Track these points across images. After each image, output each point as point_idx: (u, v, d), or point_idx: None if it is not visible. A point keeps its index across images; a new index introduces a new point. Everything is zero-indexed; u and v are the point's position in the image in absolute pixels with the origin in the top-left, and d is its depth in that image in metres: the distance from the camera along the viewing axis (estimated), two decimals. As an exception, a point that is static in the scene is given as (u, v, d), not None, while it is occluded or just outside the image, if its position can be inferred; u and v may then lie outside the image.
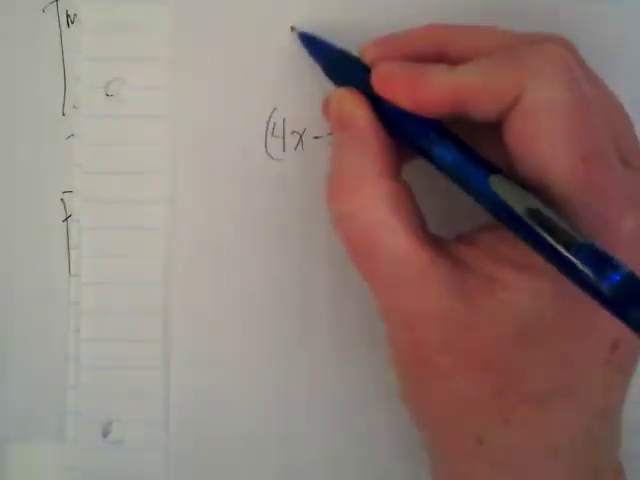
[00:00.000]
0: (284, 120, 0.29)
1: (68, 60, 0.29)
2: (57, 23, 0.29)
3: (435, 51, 0.25)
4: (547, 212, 0.21)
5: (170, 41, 0.29)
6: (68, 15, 0.29)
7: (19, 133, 0.29)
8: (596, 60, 0.25)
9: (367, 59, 0.26)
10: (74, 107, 0.29)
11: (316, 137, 0.29)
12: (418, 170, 0.26)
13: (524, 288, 0.23)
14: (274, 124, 0.29)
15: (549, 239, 0.21)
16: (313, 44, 0.28)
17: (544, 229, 0.21)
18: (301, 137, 0.29)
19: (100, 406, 0.29)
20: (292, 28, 0.29)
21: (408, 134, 0.24)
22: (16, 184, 0.29)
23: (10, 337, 0.29)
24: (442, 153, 0.24)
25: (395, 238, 0.23)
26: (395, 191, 0.24)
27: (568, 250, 0.21)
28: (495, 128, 0.23)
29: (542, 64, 0.22)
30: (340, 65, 0.27)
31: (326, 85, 0.27)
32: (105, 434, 0.29)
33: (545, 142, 0.22)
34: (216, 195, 0.29)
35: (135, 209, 0.29)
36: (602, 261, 0.20)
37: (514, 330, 0.23)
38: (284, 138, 0.29)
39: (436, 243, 0.24)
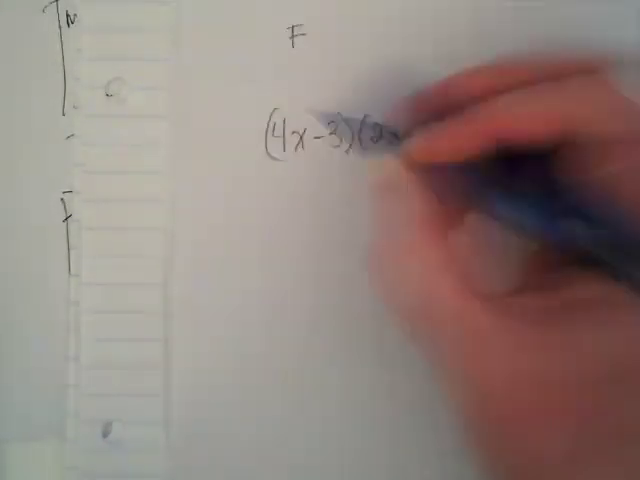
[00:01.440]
0: (284, 120, 0.29)
1: (68, 60, 0.29)
2: (57, 23, 0.29)
3: (461, 99, 0.25)
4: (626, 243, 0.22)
5: (170, 41, 0.29)
6: (68, 15, 0.29)
7: (19, 133, 0.29)
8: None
9: (398, 124, 0.26)
10: (74, 107, 0.29)
11: (316, 137, 0.29)
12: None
13: (607, 327, 0.22)
14: (274, 124, 0.29)
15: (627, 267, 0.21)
16: (343, 122, 0.28)
17: (622, 259, 0.21)
18: (301, 137, 0.29)
19: (100, 406, 0.29)
20: (312, 112, 0.28)
21: (467, 194, 0.24)
22: (16, 184, 0.29)
23: (10, 337, 0.29)
24: (503, 206, 0.24)
25: (454, 300, 0.23)
26: (443, 254, 0.23)
27: None
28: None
29: (592, 96, 0.23)
30: (374, 138, 0.27)
31: (326, 85, 0.27)
32: (105, 434, 0.29)
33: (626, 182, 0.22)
34: (216, 195, 0.29)
35: (135, 209, 0.29)
36: None
37: (595, 372, 0.22)
38: (284, 138, 0.29)
39: (494, 299, 0.23)
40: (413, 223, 0.24)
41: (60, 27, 0.29)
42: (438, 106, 0.25)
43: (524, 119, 0.23)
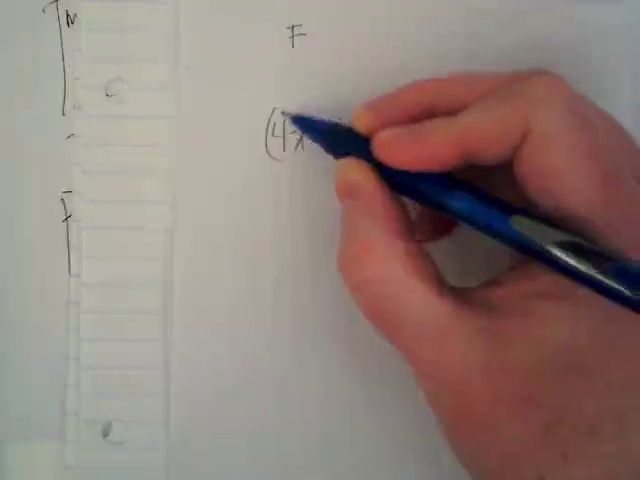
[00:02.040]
0: (284, 120, 0.29)
1: (68, 60, 0.29)
2: (57, 23, 0.29)
3: (426, 106, 0.25)
4: (574, 240, 0.22)
5: (170, 41, 0.29)
6: (68, 15, 0.29)
7: (19, 133, 0.29)
8: (596, 60, 0.25)
9: (361, 126, 0.26)
10: (74, 107, 0.29)
11: (316, 137, 0.29)
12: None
13: (564, 318, 0.22)
14: (274, 124, 0.29)
15: (583, 267, 0.21)
16: (305, 124, 0.28)
17: (575, 257, 0.22)
18: (301, 137, 0.29)
19: (100, 406, 0.29)
20: (283, 113, 0.29)
21: (419, 193, 0.25)
22: (16, 184, 0.29)
23: (10, 337, 0.29)
24: (458, 203, 0.24)
25: (416, 297, 0.23)
26: (409, 251, 0.24)
27: (604, 273, 0.21)
28: (503, 169, 0.24)
29: (544, 95, 0.23)
30: (337, 138, 0.27)
31: (326, 85, 0.27)
32: (105, 434, 0.29)
33: (561, 169, 0.22)
34: (216, 195, 0.29)
35: (135, 209, 0.29)
36: (637, 277, 0.21)
37: (555, 362, 0.22)
38: (284, 138, 0.29)
39: (458, 295, 0.24)
40: (376, 220, 0.24)
41: (60, 27, 0.29)
42: (403, 111, 0.25)
43: (492, 129, 0.23)
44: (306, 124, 0.28)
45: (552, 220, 0.23)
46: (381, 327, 0.24)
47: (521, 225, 0.23)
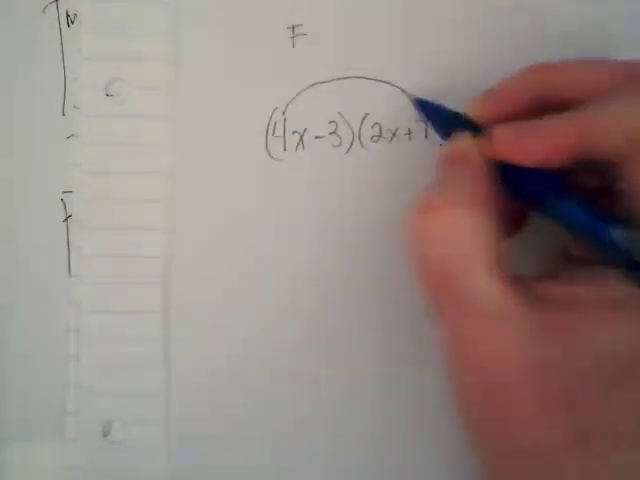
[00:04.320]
0: (284, 120, 0.29)
1: (68, 60, 0.29)
2: (57, 23, 0.29)
3: (543, 93, 0.25)
4: None
5: (170, 41, 0.29)
6: (68, 15, 0.29)
7: (19, 133, 0.29)
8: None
9: (478, 115, 0.26)
10: (74, 107, 0.29)
11: (317, 137, 0.29)
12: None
13: (620, 326, 0.22)
14: (274, 124, 0.29)
15: None
16: (426, 107, 0.28)
17: None
18: (302, 137, 0.29)
19: (100, 406, 0.29)
20: (408, 94, 0.28)
21: (528, 190, 0.25)
22: (16, 184, 0.29)
23: (10, 337, 0.29)
24: (564, 207, 0.24)
25: (479, 271, 0.23)
26: (487, 228, 0.23)
27: None
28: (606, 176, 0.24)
29: None
30: (453, 125, 0.26)
31: (326, 84, 0.27)
32: (105, 434, 0.29)
33: None
34: (216, 195, 0.29)
35: (135, 209, 0.29)
36: None
37: (602, 371, 0.22)
38: (284, 138, 0.29)
39: (519, 282, 0.23)
40: (471, 184, 0.24)
41: (60, 27, 0.29)
42: (521, 96, 0.25)
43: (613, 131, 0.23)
44: (425, 107, 0.28)
45: None
46: (435, 289, 0.23)
47: (621, 238, 0.23)
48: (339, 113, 0.29)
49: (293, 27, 0.29)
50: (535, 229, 0.27)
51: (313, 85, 0.29)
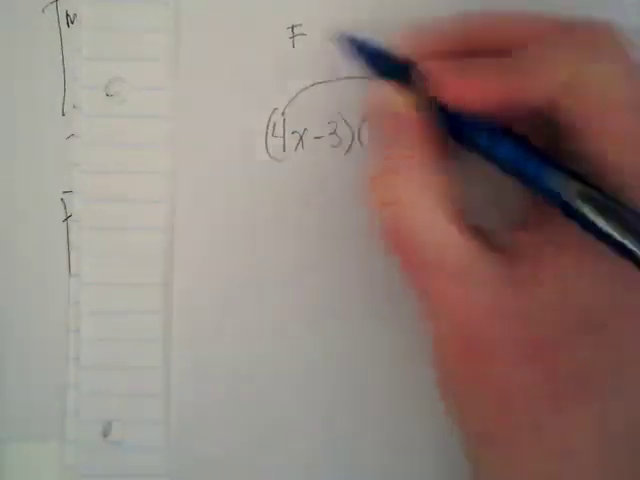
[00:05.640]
0: (284, 120, 0.29)
1: (68, 60, 0.29)
2: (57, 23, 0.29)
3: (478, 40, 0.25)
4: (602, 198, 0.22)
5: (170, 41, 0.29)
6: (68, 15, 0.29)
7: (19, 133, 0.29)
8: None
9: (408, 49, 0.25)
10: (74, 107, 0.29)
11: (316, 137, 0.29)
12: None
13: (585, 273, 0.22)
14: (274, 124, 0.29)
15: (607, 226, 0.22)
16: (352, 44, 0.27)
17: (601, 214, 0.22)
18: (301, 137, 0.29)
19: (100, 406, 0.29)
20: (333, 34, 0.28)
21: (460, 129, 0.24)
22: (16, 184, 0.29)
23: (10, 337, 0.29)
24: (497, 147, 0.24)
25: (441, 227, 0.23)
26: (441, 182, 0.24)
27: (630, 233, 0.21)
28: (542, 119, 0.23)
29: (600, 49, 0.23)
30: (381, 61, 0.26)
31: (325, 84, 0.27)
32: (105, 434, 0.29)
33: (610, 136, 0.22)
34: (216, 195, 0.29)
35: (135, 209, 0.29)
36: None
37: (569, 316, 0.22)
38: (284, 138, 0.29)
39: (481, 234, 0.24)
40: (415, 144, 0.24)
41: (60, 27, 0.29)
42: (458, 45, 0.25)
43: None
44: (352, 44, 0.26)
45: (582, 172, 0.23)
46: (401, 250, 0.24)
47: (556, 179, 0.23)
48: (339, 113, 0.29)
49: (293, 27, 0.29)
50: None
51: (313, 85, 0.29)
